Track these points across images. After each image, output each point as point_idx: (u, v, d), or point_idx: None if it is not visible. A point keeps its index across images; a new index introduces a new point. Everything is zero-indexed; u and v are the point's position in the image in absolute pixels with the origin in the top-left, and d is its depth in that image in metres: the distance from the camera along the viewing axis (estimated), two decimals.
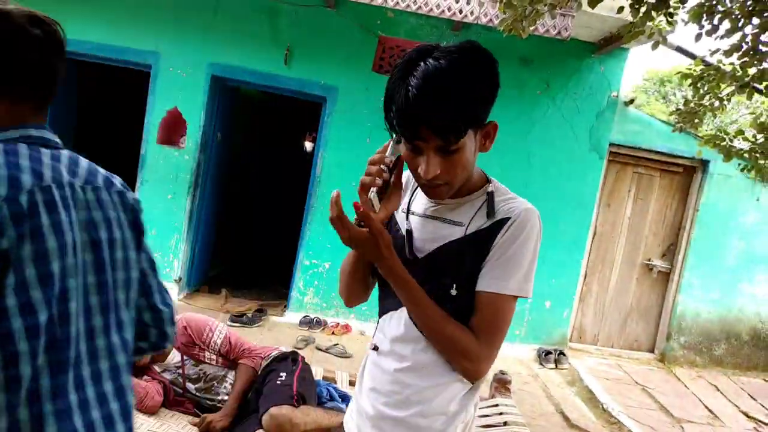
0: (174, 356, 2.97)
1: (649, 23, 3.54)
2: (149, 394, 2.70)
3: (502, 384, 3.13)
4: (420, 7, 5.04)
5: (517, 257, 1.20)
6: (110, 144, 7.99)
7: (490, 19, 5.02)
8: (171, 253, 5.85)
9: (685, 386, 5.76)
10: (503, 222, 1.22)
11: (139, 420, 2.57)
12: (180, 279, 5.91)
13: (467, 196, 1.29)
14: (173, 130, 5.73)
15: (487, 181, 1.32)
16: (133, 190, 5.99)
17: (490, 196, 1.27)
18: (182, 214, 5.83)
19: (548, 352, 5.83)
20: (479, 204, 1.27)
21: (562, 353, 5.84)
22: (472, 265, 1.23)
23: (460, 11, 5.02)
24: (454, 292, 1.24)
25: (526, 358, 5.90)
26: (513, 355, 5.88)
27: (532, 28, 3.63)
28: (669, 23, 3.50)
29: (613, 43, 5.42)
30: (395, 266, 1.23)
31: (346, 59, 5.69)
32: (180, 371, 2.93)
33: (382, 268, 1.25)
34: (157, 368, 2.93)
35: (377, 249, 1.20)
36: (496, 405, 2.96)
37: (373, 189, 1.21)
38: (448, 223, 1.29)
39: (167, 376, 2.92)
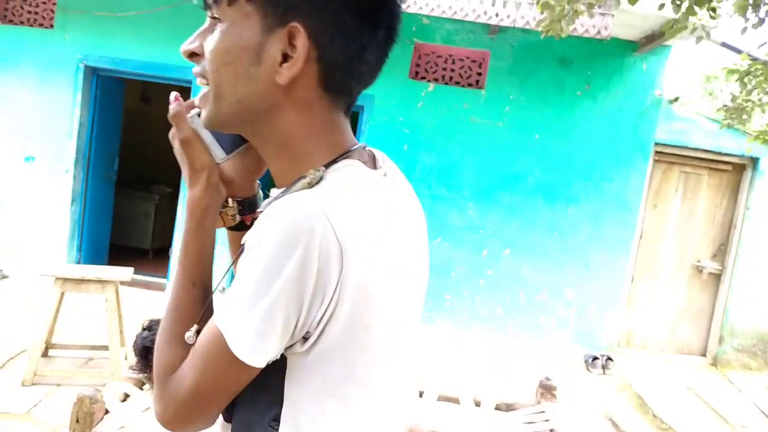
0: None
1: (691, 18, 3.45)
2: None
3: (547, 390, 3.08)
4: (455, 12, 5.03)
5: (240, 274, 0.71)
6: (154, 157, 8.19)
7: (527, 22, 4.97)
8: None
9: (740, 390, 5.57)
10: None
11: None
12: None
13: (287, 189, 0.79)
14: None
15: (325, 167, 0.78)
16: (177, 202, 6.12)
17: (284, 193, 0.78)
18: None
19: (595, 358, 5.71)
20: None
21: (609, 358, 5.71)
22: None
23: (496, 15, 4.99)
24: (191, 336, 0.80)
25: (573, 363, 5.79)
26: (559, 360, 5.78)
27: (570, 29, 3.58)
28: (712, 17, 3.40)
29: (655, 41, 5.30)
30: (190, 213, 0.87)
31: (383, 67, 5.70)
32: None
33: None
34: None
35: (186, 166, 0.87)
36: (542, 411, 2.91)
37: (194, 111, 0.86)
38: None
39: None
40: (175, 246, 6.00)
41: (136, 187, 7.51)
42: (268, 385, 0.76)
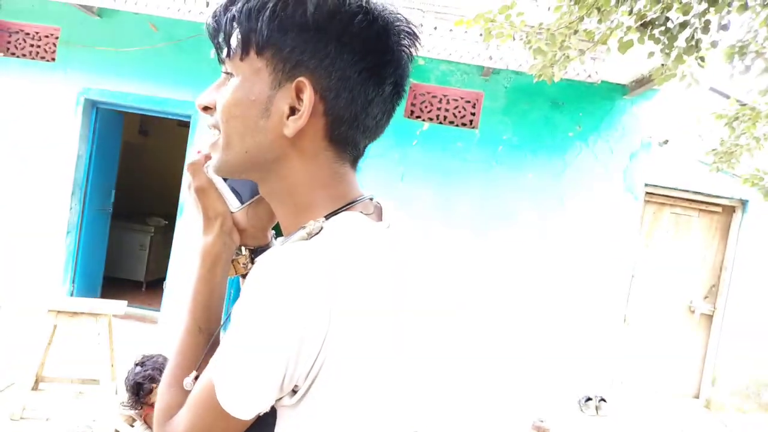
0: None
1: (681, 66, 3.54)
2: None
3: None
4: (450, 54, 5.13)
5: (231, 325, 0.72)
6: (150, 190, 8.22)
7: (520, 64, 5.08)
8: None
9: None
10: None
11: None
12: None
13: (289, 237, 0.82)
14: None
15: (326, 218, 0.79)
16: (172, 234, 6.12)
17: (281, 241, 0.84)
18: None
19: (589, 399, 5.68)
20: None
21: (603, 399, 5.68)
22: None
23: (490, 57, 5.10)
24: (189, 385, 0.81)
25: (566, 404, 5.76)
26: (551, 401, 5.75)
27: (562, 73, 3.67)
28: (701, 66, 3.49)
29: (644, 84, 5.41)
30: (201, 259, 0.90)
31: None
32: None
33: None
34: None
35: (200, 213, 0.91)
36: None
37: (209, 163, 0.87)
38: None
39: None
40: (169, 279, 6.00)
41: (131, 219, 7.52)
42: None
